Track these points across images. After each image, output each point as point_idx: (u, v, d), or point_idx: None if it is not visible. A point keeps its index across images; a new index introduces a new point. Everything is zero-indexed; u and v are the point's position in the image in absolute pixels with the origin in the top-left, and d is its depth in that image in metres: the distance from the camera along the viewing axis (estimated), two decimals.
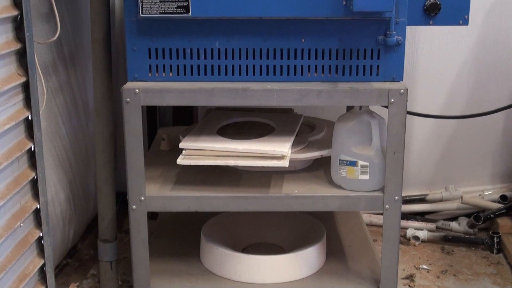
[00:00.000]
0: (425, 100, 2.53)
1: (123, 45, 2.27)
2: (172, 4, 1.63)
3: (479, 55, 2.51)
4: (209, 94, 1.68)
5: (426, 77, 2.52)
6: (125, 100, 1.66)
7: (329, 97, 1.68)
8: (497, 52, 2.50)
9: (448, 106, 2.55)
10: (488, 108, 2.36)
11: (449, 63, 2.52)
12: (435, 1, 1.72)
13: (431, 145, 2.61)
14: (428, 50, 2.49)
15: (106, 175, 1.90)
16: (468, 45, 2.49)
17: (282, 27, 1.69)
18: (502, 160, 2.64)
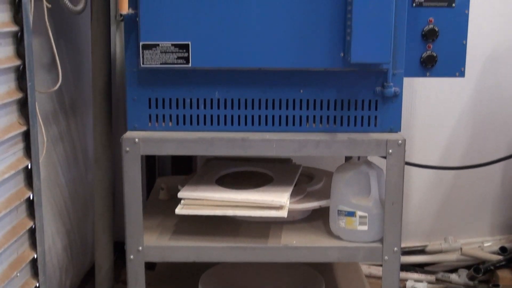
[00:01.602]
0: (423, 151, 2.54)
1: (123, 95, 2.30)
2: (172, 55, 1.65)
3: (476, 106, 2.53)
4: (208, 144, 1.68)
5: (424, 128, 2.54)
6: (124, 150, 1.67)
7: (327, 147, 1.69)
8: (494, 103, 2.53)
9: (446, 156, 2.56)
10: (486, 159, 2.37)
11: (446, 114, 2.54)
12: (431, 53, 1.75)
13: (430, 196, 2.61)
14: (425, 101, 2.52)
15: (104, 224, 1.90)
16: (465, 96, 2.52)
17: (281, 78, 1.71)
18: (501, 211, 2.64)
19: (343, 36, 1.63)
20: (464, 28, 1.75)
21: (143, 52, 1.65)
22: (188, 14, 1.63)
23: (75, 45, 2.05)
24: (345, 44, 1.63)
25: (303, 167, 2.10)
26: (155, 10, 1.63)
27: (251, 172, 2.06)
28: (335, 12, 1.62)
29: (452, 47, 1.76)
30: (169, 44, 1.65)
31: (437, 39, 1.75)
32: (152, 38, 1.64)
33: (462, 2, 1.74)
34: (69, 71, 2.01)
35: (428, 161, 2.47)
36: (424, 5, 1.73)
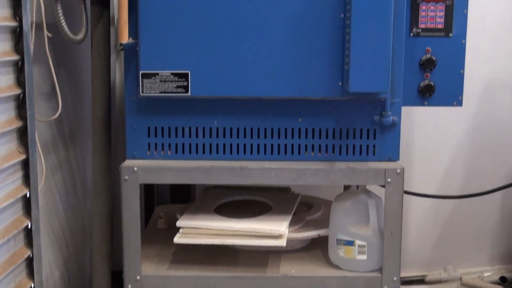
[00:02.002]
0: (422, 180, 2.54)
1: (122, 123, 2.30)
2: (171, 83, 1.66)
3: (474, 135, 2.54)
4: (207, 173, 1.69)
5: (423, 157, 2.54)
6: (123, 178, 1.67)
7: (326, 176, 1.69)
8: (492, 132, 2.53)
9: (445, 185, 2.56)
10: (485, 188, 2.37)
11: (445, 143, 2.54)
12: (429, 82, 1.76)
13: (429, 225, 2.60)
14: (423, 130, 2.52)
15: (102, 253, 1.89)
16: (463, 125, 2.53)
17: (280, 107, 1.72)
18: (500, 241, 2.63)
19: (341, 65, 1.64)
20: (461, 57, 1.77)
21: (142, 81, 1.66)
22: (187, 43, 1.64)
23: (75, 74, 2.06)
24: (343, 74, 1.64)
25: (302, 195, 2.10)
26: (155, 39, 1.64)
27: (250, 200, 2.06)
28: (334, 42, 1.64)
29: (449, 77, 1.77)
30: (169, 73, 1.66)
31: (434, 68, 1.76)
32: (152, 67, 1.66)
33: (459, 32, 1.75)
34: (69, 100, 2.02)
35: (427, 190, 2.47)
36: (422, 35, 1.75)
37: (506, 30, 2.47)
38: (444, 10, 1.74)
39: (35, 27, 1.52)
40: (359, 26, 1.56)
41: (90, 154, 1.90)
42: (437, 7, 1.74)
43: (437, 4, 1.74)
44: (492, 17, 2.45)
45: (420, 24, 1.75)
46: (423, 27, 1.75)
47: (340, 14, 1.62)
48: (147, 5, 1.63)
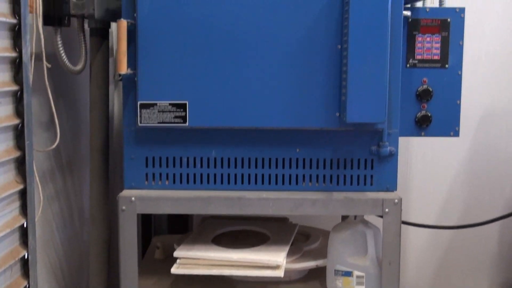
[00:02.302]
0: (420, 210, 2.54)
1: (120, 153, 2.31)
2: (170, 114, 1.67)
3: (472, 165, 2.54)
4: (205, 203, 1.68)
5: (420, 187, 2.54)
6: (121, 208, 1.67)
7: (323, 206, 1.69)
8: (489, 162, 2.54)
9: (443, 215, 2.56)
10: (483, 218, 2.37)
11: (442, 173, 2.55)
12: (426, 113, 1.77)
13: (427, 255, 2.60)
14: (421, 160, 2.53)
15: (99, 283, 1.87)
16: (460, 155, 2.54)
17: (278, 137, 1.72)
18: (499, 271, 2.62)
19: (338, 96, 1.65)
20: (457, 88, 1.78)
21: (141, 111, 1.67)
22: (186, 74, 1.65)
23: (73, 104, 2.07)
24: (340, 104, 1.65)
25: (299, 226, 2.10)
26: (153, 70, 1.65)
27: (248, 231, 2.05)
28: (331, 72, 1.65)
29: (446, 107, 1.79)
30: (167, 103, 1.67)
31: (431, 99, 1.77)
32: (150, 98, 1.67)
33: (455, 63, 1.77)
34: (67, 130, 2.03)
35: (425, 220, 2.46)
36: (418, 66, 1.77)
37: (502, 60, 2.49)
38: (440, 41, 1.76)
39: (35, 57, 1.53)
40: (356, 57, 1.58)
41: (88, 184, 1.90)
42: (433, 39, 1.76)
43: (433, 35, 1.76)
44: (488, 48, 2.47)
45: (416, 55, 1.77)
46: (419, 58, 1.77)
47: (337, 45, 1.64)
48: (146, 36, 1.64)
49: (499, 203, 2.55)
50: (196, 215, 2.48)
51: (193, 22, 1.64)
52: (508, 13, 2.46)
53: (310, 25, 1.64)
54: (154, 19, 1.64)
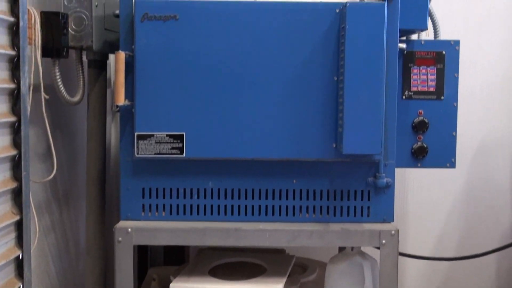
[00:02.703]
0: (417, 241, 2.53)
1: (117, 184, 2.30)
2: (167, 145, 1.67)
3: (468, 196, 2.55)
4: (201, 234, 1.68)
5: (417, 218, 2.54)
6: (117, 240, 1.66)
7: (320, 237, 1.68)
8: (485, 194, 2.54)
9: (440, 247, 2.55)
10: (480, 250, 2.37)
11: (439, 204, 2.55)
12: (422, 144, 1.78)
13: (424, 286, 2.58)
14: (418, 191, 2.53)
15: None
16: (457, 186, 2.54)
17: (274, 168, 1.72)
18: None
19: (335, 127, 1.66)
20: (453, 120, 1.80)
21: (138, 142, 1.67)
22: (183, 105, 1.66)
23: (70, 135, 2.07)
24: (337, 135, 1.66)
25: (296, 257, 2.09)
26: (150, 101, 1.66)
27: (244, 262, 2.04)
28: (327, 104, 1.66)
29: (442, 139, 1.79)
30: (164, 134, 1.67)
31: (427, 130, 1.78)
32: (147, 129, 1.67)
33: (451, 95, 1.78)
34: (64, 161, 2.03)
35: (422, 252, 2.46)
36: (414, 97, 1.78)
37: (497, 92, 2.51)
38: (435, 73, 1.78)
39: (33, 89, 1.54)
40: (352, 89, 1.59)
41: (84, 215, 1.89)
42: (429, 71, 1.78)
43: (429, 68, 1.78)
44: (484, 80, 2.49)
45: (412, 87, 1.78)
46: (415, 90, 1.78)
47: (333, 77, 1.65)
48: (144, 68, 1.65)
49: (496, 234, 2.55)
50: (193, 247, 2.46)
51: (190, 54, 1.65)
52: (503, 46, 2.49)
53: (306, 57, 1.65)
54: (152, 51, 1.65)
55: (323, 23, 1.65)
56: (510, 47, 2.49)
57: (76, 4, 1.70)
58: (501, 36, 2.49)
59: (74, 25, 1.70)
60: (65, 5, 1.70)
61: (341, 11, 1.63)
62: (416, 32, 1.82)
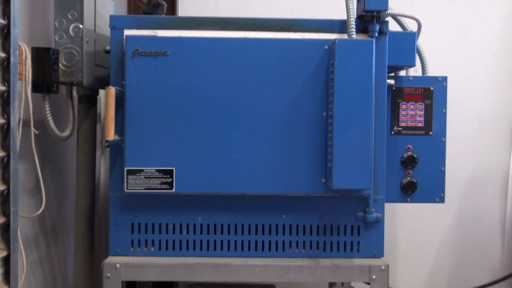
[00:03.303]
0: (407, 276, 2.52)
1: (106, 219, 2.29)
2: (156, 180, 1.67)
3: (458, 231, 2.55)
4: (191, 270, 1.67)
5: (407, 253, 2.53)
6: (105, 275, 1.65)
7: (310, 273, 1.67)
8: (475, 229, 2.54)
9: (431, 282, 2.54)
10: (470, 285, 2.36)
11: (429, 239, 2.55)
12: (411, 179, 1.79)
13: None
14: (407, 226, 2.53)
15: None
16: (447, 221, 2.54)
17: (264, 203, 1.72)
18: None
19: (324, 162, 1.66)
20: (442, 155, 1.81)
21: (127, 177, 1.67)
22: (172, 140, 1.66)
23: (60, 170, 2.06)
24: (326, 171, 1.66)
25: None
26: (140, 136, 1.66)
27: None
28: (316, 139, 1.66)
29: (431, 174, 1.80)
30: (154, 169, 1.67)
31: (416, 165, 1.79)
32: (137, 164, 1.67)
33: (439, 130, 1.80)
34: (53, 196, 2.01)
35: (412, 287, 2.45)
36: (403, 133, 1.79)
37: (485, 129, 2.53)
38: (423, 109, 1.79)
39: (23, 124, 1.54)
40: (341, 124, 1.60)
41: (72, 250, 1.87)
42: (417, 106, 1.79)
43: (417, 103, 1.79)
44: (471, 113, 2.51)
45: (400, 123, 1.79)
46: (403, 126, 1.79)
47: (322, 113, 1.66)
48: (134, 103, 1.66)
49: (486, 269, 2.54)
50: (182, 282, 2.44)
51: (181, 90, 1.66)
52: (488, 81, 2.52)
53: (296, 93, 1.66)
54: (142, 86, 1.66)
55: (313, 59, 1.66)
56: (497, 85, 2.51)
57: (67, 40, 1.71)
58: (489, 74, 2.52)
59: (65, 60, 1.71)
60: (56, 41, 1.71)
61: (330, 47, 1.65)
62: (404, 68, 1.84)
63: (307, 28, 1.70)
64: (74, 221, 1.85)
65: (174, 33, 1.69)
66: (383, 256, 1.74)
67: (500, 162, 2.53)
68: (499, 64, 2.51)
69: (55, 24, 1.72)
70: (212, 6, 2.38)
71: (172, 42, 1.66)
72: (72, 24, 1.72)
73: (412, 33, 1.78)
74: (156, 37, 1.68)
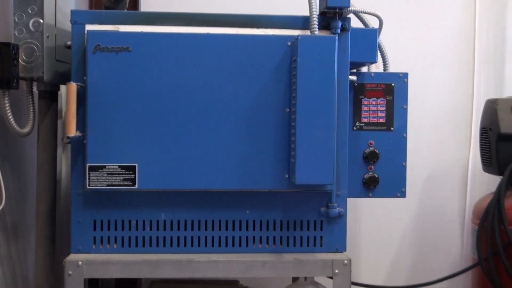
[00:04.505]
0: (370, 270, 2.55)
1: (68, 216, 2.26)
2: (119, 176, 1.65)
3: (419, 225, 2.58)
4: (154, 266, 1.66)
5: (370, 247, 2.56)
6: (67, 273, 1.63)
7: (274, 268, 1.68)
8: (435, 222, 2.58)
9: (392, 275, 2.57)
10: (431, 277, 2.39)
11: (390, 233, 2.57)
12: (373, 174, 1.81)
13: None
14: (370, 221, 2.55)
15: None
16: (408, 216, 2.57)
17: (227, 199, 1.72)
18: None
19: (287, 158, 1.67)
20: (403, 150, 1.83)
21: (89, 174, 1.65)
22: (135, 136, 1.65)
23: (20, 167, 2.03)
24: (289, 166, 1.67)
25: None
26: (102, 132, 1.65)
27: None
28: (279, 135, 1.67)
29: (392, 169, 1.82)
30: (116, 166, 1.66)
31: (378, 161, 1.81)
32: (99, 160, 1.65)
33: (400, 126, 1.82)
34: (12, 193, 1.98)
35: (374, 281, 2.47)
36: (365, 128, 1.81)
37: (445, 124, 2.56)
38: (385, 105, 1.81)
39: None
40: (304, 120, 1.61)
41: (33, 248, 1.85)
42: (379, 102, 1.81)
43: (379, 99, 1.81)
44: (431, 109, 2.55)
45: (363, 119, 1.81)
46: (365, 121, 1.81)
47: (285, 109, 1.67)
48: (95, 99, 1.64)
49: (446, 262, 2.58)
50: (145, 279, 2.43)
51: (143, 85, 1.65)
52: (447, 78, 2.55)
53: (259, 89, 1.66)
54: (104, 82, 1.64)
55: (275, 55, 1.67)
56: (456, 81, 2.55)
57: (27, 35, 1.69)
58: (448, 70, 2.56)
59: (25, 55, 1.69)
60: (16, 36, 1.68)
61: (293, 43, 1.66)
62: (366, 64, 1.86)
63: (270, 24, 1.71)
64: (35, 219, 1.82)
65: (137, 29, 1.68)
66: (345, 251, 1.75)
67: (459, 157, 2.57)
68: (458, 61, 2.55)
69: (15, 18, 1.69)
70: (176, 2, 2.37)
71: (134, 37, 1.65)
72: (32, 19, 1.69)
73: (374, 29, 1.79)
74: (118, 32, 1.66)
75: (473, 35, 2.55)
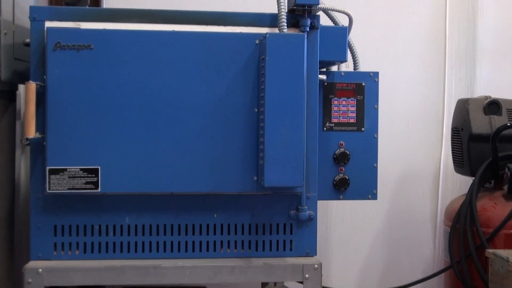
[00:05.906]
0: (341, 274, 2.52)
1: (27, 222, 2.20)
2: (81, 179, 1.60)
3: (390, 228, 2.56)
4: (118, 273, 1.61)
5: (340, 251, 2.53)
6: (26, 281, 1.57)
7: (242, 273, 1.64)
8: (407, 225, 2.57)
9: (364, 279, 2.55)
10: (403, 281, 2.37)
11: (362, 236, 2.55)
12: (344, 176, 1.77)
13: None
14: (340, 224, 2.53)
15: None
16: (379, 218, 2.55)
17: (194, 202, 1.68)
18: None
19: (256, 160, 1.63)
20: (374, 151, 1.81)
21: (49, 177, 1.60)
22: (97, 138, 1.60)
23: None
24: (258, 168, 1.63)
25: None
26: (63, 134, 1.60)
27: None
28: (247, 136, 1.63)
29: (363, 170, 1.80)
30: (78, 168, 1.60)
31: (348, 162, 1.78)
32: (60, 163, 1.60)
33: (371, 126, 1.80)
34: None
35: (346, 285, 2.45)
36: (335, 129, 1.78)
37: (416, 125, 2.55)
38: (355, 105, 1.78)
39: None
40: (272, 120, 1.57)
41: None
42: (349, 102, 1.78)
43: (349, 99, 1.78)
44: (402, 110, 2.53)
45: (333, 119, 1.78)
46: (336, 122, 1.78)
47: (253, 109, 1.63)
48: (56, 99, 1.59)
49: (419, 265, 2.57)
50: (109, 286, 2.37)
51: (105, 85, 1.60)
52: (417, 78, 2.54)
53: (226, 88, 1.63)
54: (65, 81, 1.59)
55: (243, 53, 1.63)
56: (427, 81, 2.54)
57: None
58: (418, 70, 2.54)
59: None
60: None
61: (261, 41, 1.62)
62: (336, 63, 1.83)
63: (237, 21, 1.67)
64: None
65: (99, 26, 1.63)
66: (316, 255, 1.72)
67: (431, 158, 2.56)
68: (428, 60, 2.54)
69: None
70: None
71: (96, 35, 1.60)
72: None
73: (344, 28, 1.77)
74: (79, 29, 1.61)
75: (444, 34, 2.54)
